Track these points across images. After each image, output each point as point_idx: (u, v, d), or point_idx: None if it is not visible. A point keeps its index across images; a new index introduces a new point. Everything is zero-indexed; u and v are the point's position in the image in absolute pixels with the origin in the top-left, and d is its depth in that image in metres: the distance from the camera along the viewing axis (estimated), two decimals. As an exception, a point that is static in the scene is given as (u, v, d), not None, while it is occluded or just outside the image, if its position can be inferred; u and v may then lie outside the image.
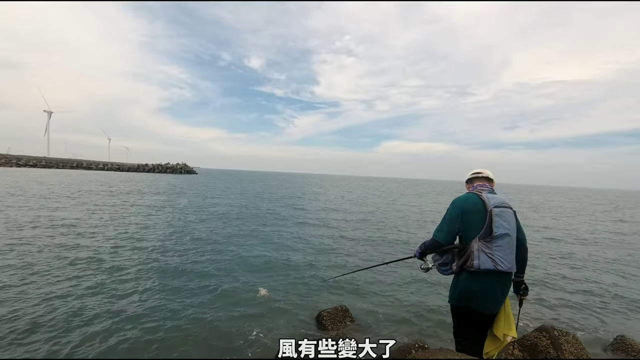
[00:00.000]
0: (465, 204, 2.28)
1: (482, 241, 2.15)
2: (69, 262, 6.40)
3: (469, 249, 2.18)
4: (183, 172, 78.41)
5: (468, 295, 2.22)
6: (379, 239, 10.66)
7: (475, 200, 2.26)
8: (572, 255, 9.49)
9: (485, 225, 2.16)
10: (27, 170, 53.80)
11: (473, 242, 2.18)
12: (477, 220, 2.20)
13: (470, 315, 2.28)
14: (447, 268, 2.37)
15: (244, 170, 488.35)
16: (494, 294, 2.19)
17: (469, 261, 2.18)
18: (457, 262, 2.28)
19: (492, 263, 2.12)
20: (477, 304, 2.21)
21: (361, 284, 6.08)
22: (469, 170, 2.66)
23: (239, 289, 5.60)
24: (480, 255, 2.13)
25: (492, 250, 2.13)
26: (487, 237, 2.15)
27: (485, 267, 2.12)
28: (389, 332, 4.38)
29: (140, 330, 3.99)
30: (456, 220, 2.26)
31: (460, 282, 2.28)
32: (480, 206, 2.22)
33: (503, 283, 2.21)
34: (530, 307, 5.45)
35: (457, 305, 2.32)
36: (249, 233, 10.52)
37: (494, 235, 2.14)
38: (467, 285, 2.21)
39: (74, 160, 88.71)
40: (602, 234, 14.25)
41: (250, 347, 3.82)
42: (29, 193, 18.11)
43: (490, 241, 2.14)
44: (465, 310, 2.29)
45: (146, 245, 8.06)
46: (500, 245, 2.14)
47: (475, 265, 2.14)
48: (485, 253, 2.13)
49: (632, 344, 4.01)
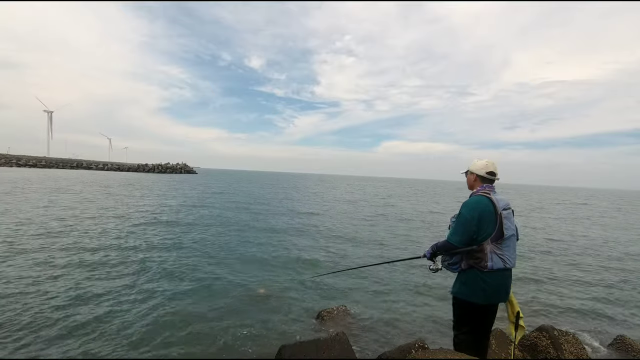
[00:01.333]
0: (478, 206, 2.28)
1: (494, 243, 2.25)
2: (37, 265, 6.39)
3: (482, 251, 2.25)
4: (183, 172, 78.42)
5: (481, 292, 2.28)
6: (381, 239, 10.66)
7: (487, 204, 2.28)
8: (572, 255, 9.49)
9: (497, 228, 2.24)
10: (42, 170, 53.75)
11: (485, 245, 2.25)
12: (489, 223, 2.24)
13: (477, 309, 2.35)
14: (456, 266, 2.41)
15: (244, 170, 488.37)
16: (505, 288, 2.34)
17: (482, 262, 2.25)
18: (465, 261, 2.33)
19: (502, 263, 2.25)
20: (489, 299, 2.31)
21: (361, 284, 6.08)
22: (478, 160, 2.51)
23: (238, 289, 5.59)
24: (493, 257, 2.24)
25: (503, 251, 2.26)
26: (499, 240, 2.25)
27: (497, 267, 2.25)
28: (389, 331, 4.38)
29: (138, 331, 3.99)
30: (472, 224, 2.26)
31: (471, 280, 2.31)
32: (492, 209, 2.26)
33: (510, 277, 2.37)
34: (531, 307, 5.45)
35: (466, 300, 2.36)
36: (248, 233, 10.52)
37: (505, 237, 2.26)
38: (481, 284, 2.27)
39: (74, 160, 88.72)
40: (602, 234, 14.25)
41: (250, 347, 3.81)
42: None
43: (501, 243, 2.26)
44: (473, 305, 2.34)
45: (140, 245, 8.07)
46: (508, 245, 2.29)
47: (489, 266, 2.24)
48: (497, 254, 2.25)
49: (632, 344, 4.01)
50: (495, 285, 2.28)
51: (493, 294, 2.29)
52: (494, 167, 2.47)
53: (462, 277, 2.40)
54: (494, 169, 2.47)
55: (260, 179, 73.33)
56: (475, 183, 2.51)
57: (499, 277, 2.27)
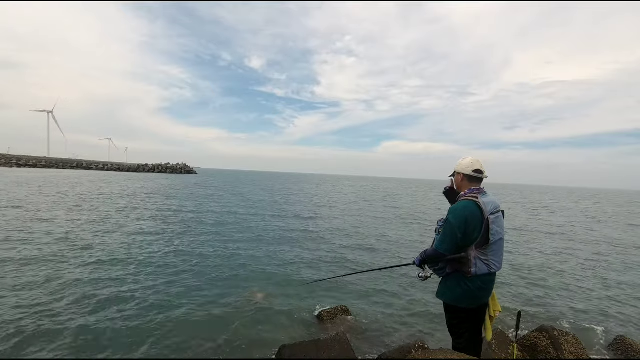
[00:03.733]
0: (465, 212, 2.20)
1: (479, 250, 2.21)
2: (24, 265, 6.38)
3: (466, 257, 2.22)
4: (183, 172, 78.45)
5: (466, 297, 2.28)
6: (382, 240, 10.66)
7: (474, 209, 2.20)
8: (573, 256, 9.49)
9: (482, 234, 2.18)
10: (55, 171, 53.71)
11: (470, 251, 2.21)
12: (475, 229, 2.19)
13: (466, 312, 2.34)
14: (442, 271, 2.39)
15: (244, 170, 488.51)
16: (489, 290, 2.33)
17: (465, 268, 2.23)
18: (450, 265, 2.31)
19: (487, 268, 2.23)
20: (474, 302, 2.31)
21: (361, 284, 6.08)
22: (466, 158, 2.41)
23: (238, 290, 5.59)
24: (477, 263, 2.21)
25: (488, 257, 2.23)
26: (484, 246, 2.21)
27: (482, 273, 2.22)
28: (389, 331, 4.38)
29: (139, 331, 4.00)
30: (458, 231, 2.19)
31: (456, 284, 2.30)
32: (479, 214, 2.19)
33: (494, 280, 2.35)
34: (531, 307, 5.45)
35: (452, 304, 2.37)
36: (247, 234, 10.52)
37: (490, 243, 2.20)
38: (465, 288, 2.26)
39: (74, 160, 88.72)
40: (601, 234, 14.26)
41: (251, 347, 3.81)
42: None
43: (487, 249, 2.21)
44: (460, 309, 2.34)
45: (141, 248, 8.06)
46: (495, 250, 2.25)
47: (472, 272, 2.21)
48: (482, 260, 2.21)
49: (632, 344, 4.01)
50: (478, 289, 2.25)
51: (476, 297, 2.28)
52: (480, 165, 2.37)
53: (446, 281, 2.38)
54: (480, 166, 2.36)
55: (260, 179, 73.33)
56: (463, 183, 2.42)
57: (482, 281, 2.25)
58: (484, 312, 2.41)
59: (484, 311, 2.41)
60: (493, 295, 2.40)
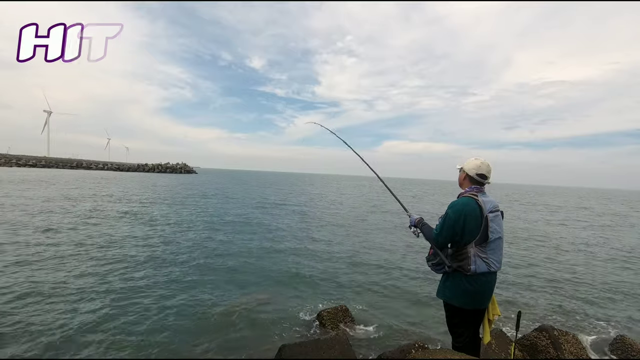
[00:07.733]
0: (465, 208, 2.24)
1: (478, 247, 2.23)
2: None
3: (466, 254, 2.24)
4: (183, 172, 78.42)
5: (465, 296, 2.28)
6: (381, 242, 10.66)
7: (474, 206, 2.25)
8: (573, 256, 9.49)
9: (481, 231, 2.22)
10: (56, 170, 53.74)
11: (469, 247, 2.24)
12: (474, 226, 2.22)
13: (466, 312, 2.35)
14: (440, 267, 2.39)
15: (244, 170, 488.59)
16: (489, 292, 2.33)
17: (465, 265, 2.24)
18: (450, 263, 2.30)
19: (486, 266, 2.24)
20: (474, 303, 2.32)
21: (361, 284, 6.08)
22: (474, 159, 2.42)
23: (238, 290, 5.60)
24: (477, 260, 2.23)
25: (487, 255, 2.25)
26: (483, 243, 2.23)
27: (481, 271, 2.23)
28: (389, 331, 4.38)
29: (139, 332, 4.00)
30: (456, 226, 2.24)
31: (456, 283, 2.31)
32: (478, 212, 2.23)
33: (494, 280, 2.35)
34: (531, 307, 5.45)
35: (451, 304, 2.38)
36: (247, 234, 10.52)
37: (489, 240, 2.23)
38: (464, 287, 2.27)
39: (74, 160, 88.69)
40: (601, 234, 14.25)
41: (251, 347, 3.82)
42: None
43: (486, 247, 2.24)
44: (459, 308, 2.35)
45: (139, 251, 8.06)
46: (493, 248, 2.27)
47: (472, 270, 2.23)
48: (481, 258, 2.24)
49: (632, 344, 4.01)
50: (478, 289, 2.25)
51: (476, 297, 2.28)
52: (486, 170, 2.38)
53: (446, 280, 2.39)
54: (486, 171, 2.37)
55: (260, 179, 73.32)
56: (465, 182, 2.46)
57: (482, 281, 2.25)
58: (483, 313, 2.42)
59: (483, 312, 2.42)
60: (493, 299, 2.40)
